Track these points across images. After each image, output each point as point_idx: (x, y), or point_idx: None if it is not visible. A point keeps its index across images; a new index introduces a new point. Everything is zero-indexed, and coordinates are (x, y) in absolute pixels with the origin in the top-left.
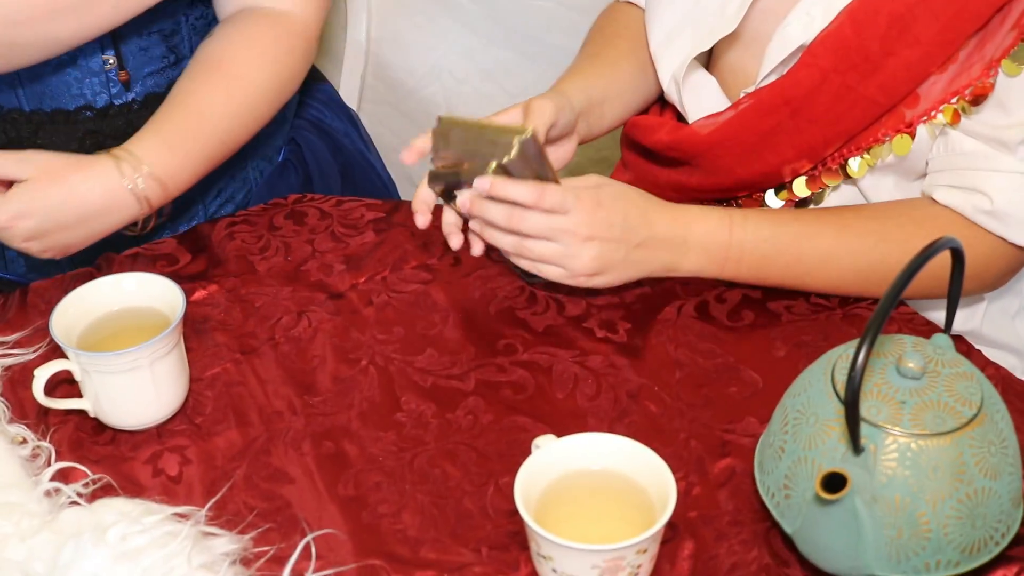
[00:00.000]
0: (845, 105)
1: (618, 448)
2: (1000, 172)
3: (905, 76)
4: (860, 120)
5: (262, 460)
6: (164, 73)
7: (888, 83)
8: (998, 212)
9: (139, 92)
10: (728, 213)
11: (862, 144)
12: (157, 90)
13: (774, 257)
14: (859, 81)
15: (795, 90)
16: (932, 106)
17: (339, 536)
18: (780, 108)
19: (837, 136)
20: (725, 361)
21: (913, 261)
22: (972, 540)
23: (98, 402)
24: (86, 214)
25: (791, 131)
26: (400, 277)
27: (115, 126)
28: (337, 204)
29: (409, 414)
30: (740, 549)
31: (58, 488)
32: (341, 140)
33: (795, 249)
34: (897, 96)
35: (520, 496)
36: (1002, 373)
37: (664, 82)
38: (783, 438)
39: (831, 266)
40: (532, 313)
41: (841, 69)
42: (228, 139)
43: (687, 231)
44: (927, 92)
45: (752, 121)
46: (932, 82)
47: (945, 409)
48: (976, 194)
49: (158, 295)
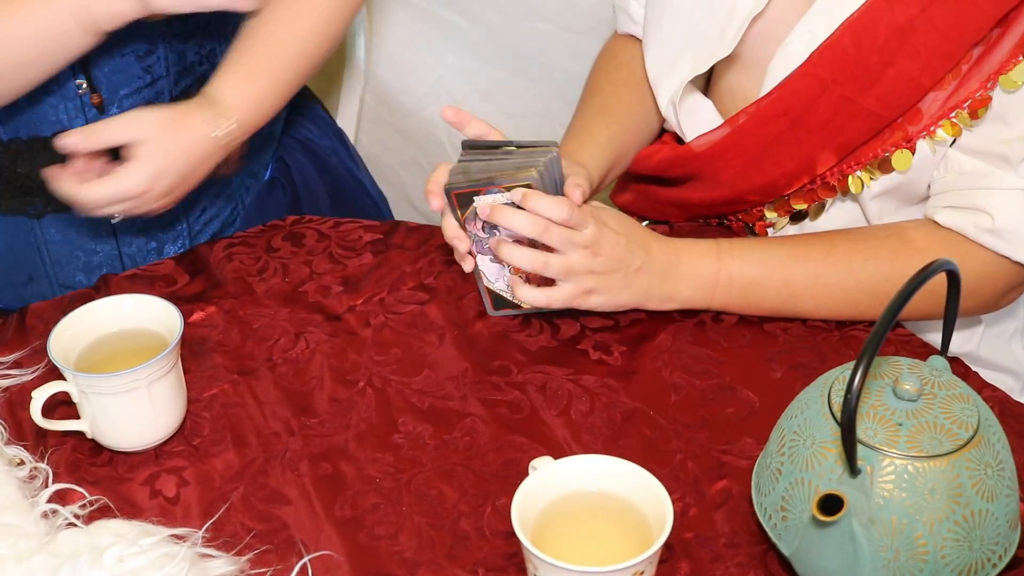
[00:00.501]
0: (844, 116)
1: (615, 469)
2: (1001, 189)
3: (905, 88)
4: (860, 132)
5: (259, 481)
6: (141, 93)
7: (887, 95)
8: (999, 230)
9: (115, 114)
10: (715, 241)
11: (862, 159)
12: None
13: (763, 280)
14: (858, 92)
15: (794, 99)
16: (931, 121)
17: (336, 558)
18: (780, 118)
19: (837, 148)
20: (721, 382)
21: (909, 283)
22: (969, 562)
23: (96, 423)
24: (196, 162)
25: (790, 142)
26: (397, 298)
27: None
28: (335, 226)
29: (406, 435)
30: (737, 572)
31: (55, 510)
32: (329, 159)
33: (783, 271)
34: (897, 109)
35: (517, 518)
36: (999, 395)
37: (662, 106)
38: (780, 460)
39: (820, 287)
40: (526, 335)
41: (840, 80)
42: (300, 66)
43: (678, 259)
44: (927, 108)
45: (752, 132)
46: (932, 98)
47: (942, 431)
48: (978, 213)
49: (156, 316)
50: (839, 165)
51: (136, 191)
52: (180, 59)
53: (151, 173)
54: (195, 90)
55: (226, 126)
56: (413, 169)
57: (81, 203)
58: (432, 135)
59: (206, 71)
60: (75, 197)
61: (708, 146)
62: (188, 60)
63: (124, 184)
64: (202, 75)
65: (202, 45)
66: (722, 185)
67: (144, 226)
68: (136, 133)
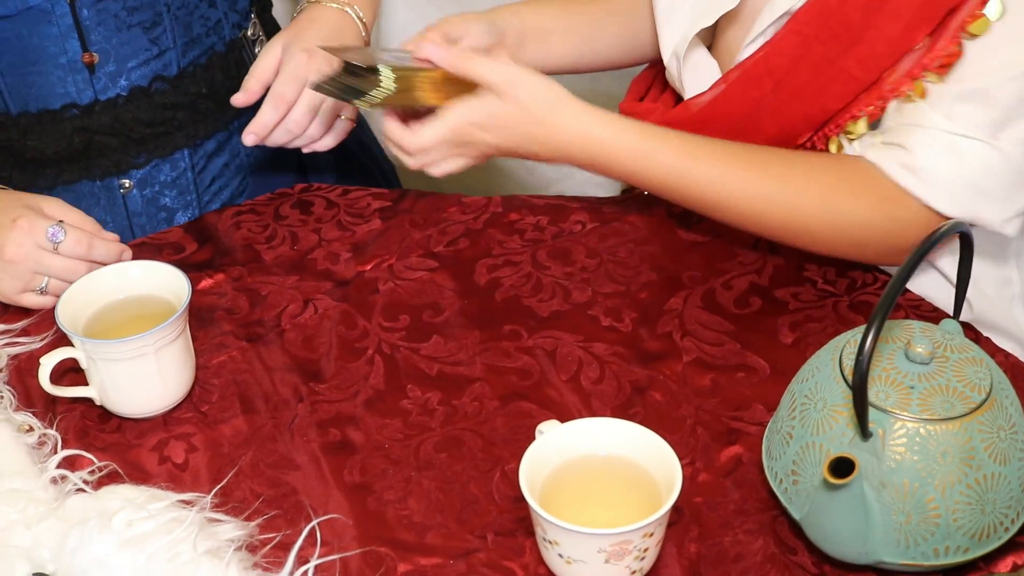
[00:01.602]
0: (825, 79)
1: (623, 433)
2: (925, 128)
3: (884, 51)
4: (839, 97)
5: (268, 447)
6: (149, 65)
7: (867, 57)
8: (918, 168)
9: (124, 86)
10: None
11: (840, 122)
12: (142, 83)
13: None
14: (840, 53)
15: (779, 59)
16: (902, 81)
17: (345, 522)
18: (764, 80)
19: (816, 114)
20: (732, 348)
21: (923, 244)
22: (981, 526)
23: (104, 390)
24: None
25: (772, 108)
26: (406, 265)
27: (102, 122)
28: (343, 193)
29: (415, 401)
30: (746, 537)
31: (64, 475)
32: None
33: (705, 188)
34: (874, 73)
35: (525, 482)
36: (1012, 360)
37: (665, 56)
38: (791, 424)
39: (743, 208)
40: (538, 300)
41: (823, 38)
42: None
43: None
44: (900, 69)
45: (737, 96)
46: (907, 60)
47: (954, 394)
48: (899, 149)
49: (164, 283)
50: (819, 132)
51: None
52: (186, 31)
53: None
54: (204, 61)
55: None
56: None
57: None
58: None
59: (213, 43)
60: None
61: (702, 105)
62: (195, 32)
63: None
64: (209, 47)
65: (207, 18)
66: None
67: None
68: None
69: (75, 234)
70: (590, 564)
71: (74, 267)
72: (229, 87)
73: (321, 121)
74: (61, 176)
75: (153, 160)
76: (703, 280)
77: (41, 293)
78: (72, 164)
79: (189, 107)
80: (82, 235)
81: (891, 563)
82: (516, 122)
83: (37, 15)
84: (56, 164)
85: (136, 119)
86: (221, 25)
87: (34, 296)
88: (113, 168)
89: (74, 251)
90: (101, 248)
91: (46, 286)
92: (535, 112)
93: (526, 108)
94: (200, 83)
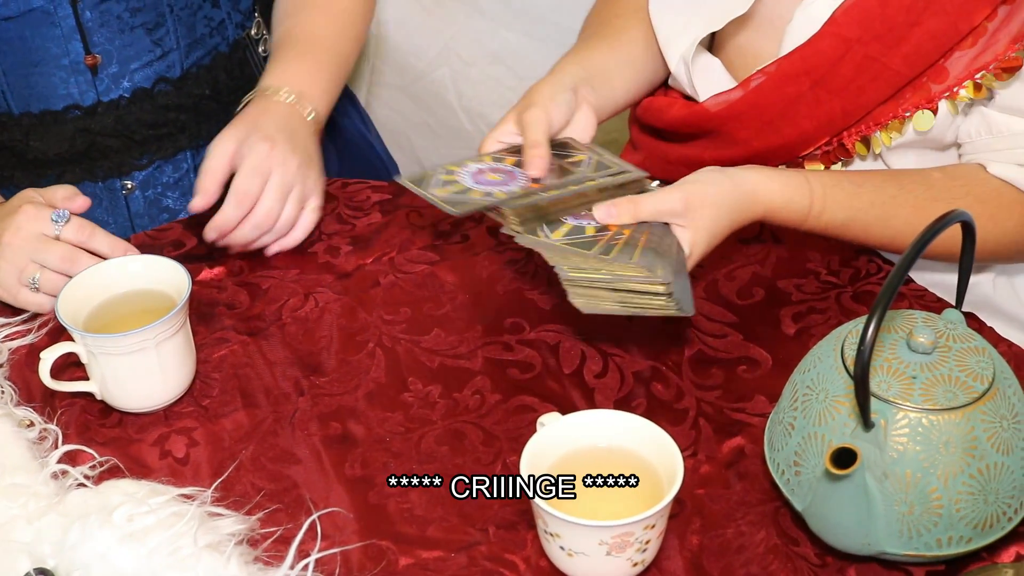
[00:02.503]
0: (868, 76)
1: (623, 424)
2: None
3: (930, 47)
4: (882, 92)
5: (269, 441)
6: (152, 67)
7: (913, 55)
8: None
9: (127, 88)
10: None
11: (881, 119)
12: (145, 84)
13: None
14: (883, 52)
15: (817, 60)
16: (955, 82)
17: (346, 516)
18: (800, 78)
19: (857, 109)
20: (734, 340)
21: (924, 233)
22: (984, 516)
23: (105, 384)
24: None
25: (811, 102)
26: (407, 258)
27: (104, 124)
28: (343, 186)
29: (416, 394)
30: (748, 529)
31: (65, 470)
32: (338, 119)
33: (871, 228)
34: (919, 67)
35: (526, 474)
36: (1015, 350)
37: (672, 64)
38: (792, 414)
39: (891, 222)
40: (540, 293)
41: (865, 40)
42: (342, 58)
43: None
44: (953, 67)
45: (771, 92)
46: (958, 57)
47: (956, 384)
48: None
49: (164, 277)
50: (857, 126)
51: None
52: (190, 31)
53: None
54: (207, 62)
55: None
56: (423, 132)
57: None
58: (442, 98)
59: (216, 43)
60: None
61: (724, 106)
62: (198, 32)
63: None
64: (213, 47)
65: (211, 18)
66: (736, 144)
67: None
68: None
69: (78, 221)
70: (592, 557)
71: (73, 256)
72: (233, 88)
73: (292, 211)
74: (63, 177)
75: (156, 161)
76: (706, 271)
77: (34, 289)
78: (74, 165)
79: (192, 109)
80: (85, 223)
81: (894, 554)
82: (708, 236)
83: (40, 16)
84: (58, 165)
85: (139, 120)
86: (225, 25)
87: (30, 294)
88: (115, 169)
89: (76, 237)
90: (103, 239)
91: (38, 280)
92: (721, 224)
93: (712, 228)
94: (204, 85)
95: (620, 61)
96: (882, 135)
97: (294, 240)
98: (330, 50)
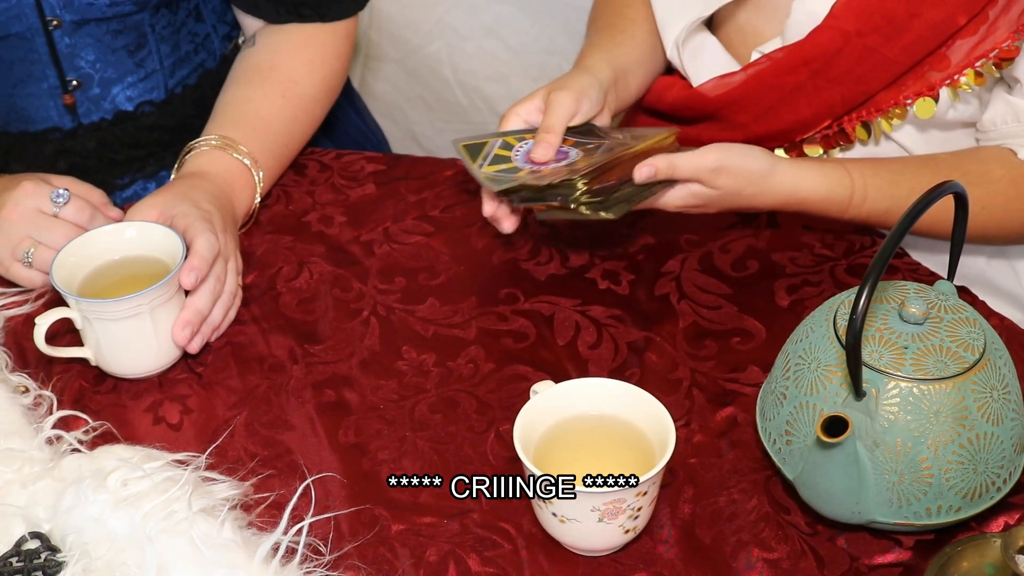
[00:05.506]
0: (867, 66)
1: (616, 393)
2: None
3: (929, 37)
4: (882, 80)
5: (263, 408)
6: (135, 88)
7: (913, 44)
8: None
9: (108, 110)
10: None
11: (882, 106)
12: (127, 107)
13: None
14: (883, 43)
15: (815, 51)
16: (956, 70)
17: (339, 482)
18: (799, 69)
19: (857, 96)
20: (728, 311)
21: (917, 203)
22: (974, 486)
23: (99, 350)
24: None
25: (810, 91)
26: (402, 228)
27: (86, 146)
28: (337, 157)
29: (410, 363)
30: (740, 497)
31: (59, 436)
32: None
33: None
34: (917, 56)
35: (519, 441)
36: (1007, 323)
37: (667, 48)
38: (784, 384)
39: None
40: (535, 263)
41: (864, 32)
42: (289, 144)
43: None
44: (954, 55)
45: (770, 80)
46: (959, 45)
47: (947, 354)
48: None
49: (158, 243)
50: (857, 111)
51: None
52: (174, 50)
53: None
54: (193, 81)
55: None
56: (418, 106)
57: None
58: (437, 72)
59: (203, 59)
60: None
61: (722, 91)
62: (183, 50)
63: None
64: (199, 64)
65: (195, 33)
66: (735, 127)
67: None
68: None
69: (79, 202)
70: (584, 523)
71: (72, 235)
72: None
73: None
74: None
75: (138, 180)
76: (700, 243)
77: (27, 264)
78: None
79: (176, 128)
80: (85, 204)
81: (883, 522)
82: (724, 200)
83: (16, 42)
84: None
85: (121, 142)
86: (211, 39)
87: (22, 268)
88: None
89: (75, 218)
90: (102, 222)
91: (32, 255)
92: (743, 191)
93: (732, 191)
94: (188, 105)
95: (639, 59)
96: (883, 121)
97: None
98: (278, 137)
